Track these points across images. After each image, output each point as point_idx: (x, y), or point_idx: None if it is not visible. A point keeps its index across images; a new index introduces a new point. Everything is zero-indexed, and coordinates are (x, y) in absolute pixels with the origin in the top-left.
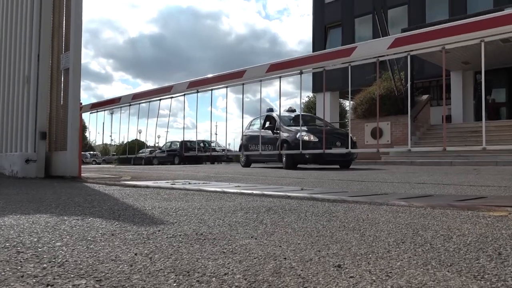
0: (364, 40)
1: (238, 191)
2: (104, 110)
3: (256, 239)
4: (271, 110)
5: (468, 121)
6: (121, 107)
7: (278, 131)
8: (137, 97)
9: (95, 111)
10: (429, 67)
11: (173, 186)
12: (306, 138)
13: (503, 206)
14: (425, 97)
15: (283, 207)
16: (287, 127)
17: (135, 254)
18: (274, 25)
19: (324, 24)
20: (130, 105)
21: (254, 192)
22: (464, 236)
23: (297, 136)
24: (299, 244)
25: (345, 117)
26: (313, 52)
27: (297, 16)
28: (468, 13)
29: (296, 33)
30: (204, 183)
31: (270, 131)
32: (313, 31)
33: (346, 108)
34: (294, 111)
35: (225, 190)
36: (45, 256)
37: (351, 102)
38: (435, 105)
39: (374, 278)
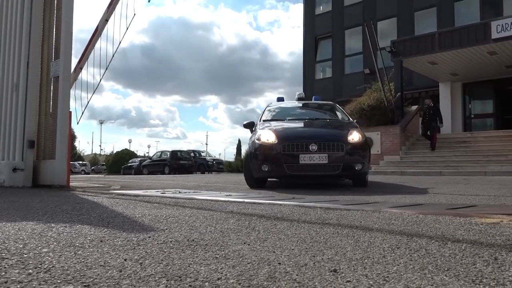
0: (355, 52)
1: (230, 199)
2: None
3: (249, 245)
4: (281, 99)
5: (456, 131)
6: None
7: (254, 130)
8: None
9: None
10: (418, 78)
11: (164, 195)
12: (263, 139)
13: (495, 214)
14: (414, 107)
15: (275, 214)
16: (269, 122)
17: (125, 260)
18: (265, 37)
19: (315, 35)
20: None
21: (246, 200)
22: (458, 242)
23: (255, 136)
24: (293, 249)
25: None
26: (303, 63)
27: (288, 27)
28: (456, 26)
29: (286, 44)
30: (194, 192)
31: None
32: (303, 43)
33: None
34: (303, 99)
35: (216, 198)
36: (30, 262)
37: None
38: None
39: (371, 282)
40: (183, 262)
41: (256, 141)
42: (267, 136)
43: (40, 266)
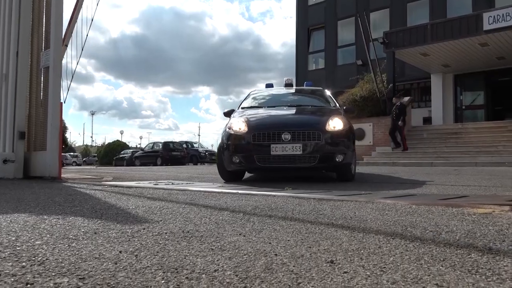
0: (347, 43)
1: (223, 190)
2: None
3: (244, 236)
4: (270, 85)
5: (448, 122)
6: None
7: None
8: None
9: None
10: (410, 70)
11: (156, 186)
12: (234, 128)
13: (486, 204)
14: (406, 99)
15: (269, 205)
16: (247, 110)
17: (120, 252)
18: (257, 27)
19: (308, 26)
20: None
21: (240, 191)
22: (452, 233)
23: (227, 125)
24: (288, 240)
25: None
26: (296, 54)
27: (280, 18)
28: (448, 17)
29: (279, 35)
30: (188, 183)
31: None
32: (296, 33)
33: None
34: (291, 85)
35: (210, 190)
36: (24, 255)
37: None
38: (416, 107)
39: (368, 273)
40: (179, 254)
41: (227, 131)
42: (238, 125)
43: (34, 258)
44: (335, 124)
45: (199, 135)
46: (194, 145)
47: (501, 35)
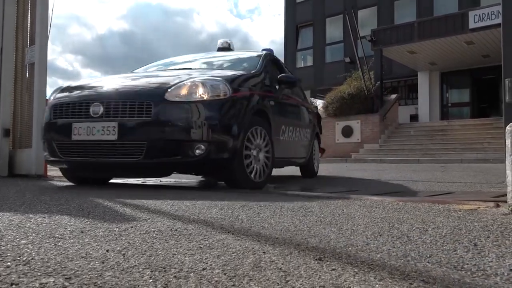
0: (335, 40)
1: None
2: None
3: (233, 234)
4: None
5: (434, 120)
6: None
7: None
8: None
9: None
10: (397, 67)
11: (144, 183)
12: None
13: (472, 200)
14: (393, 96)
15: (258, 203)
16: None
17: (107, 251)
18: (245, 24)
19: (296, 23)
20: None
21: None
22: (439, 229)
23: None
24: (277, 238)
25: None
26: (284, 51)
27: (269, 15)
28: (435, 15)
29: (267, 32)
30: (175, 180)
31: None
32: (285, 31)
33: (318, 106)
34: (227, 49)
35: (197, 186)
36: (9, 255)
37: (322, 101)
38: (403, 105)
39: (356, 270)
40: (167, 253)
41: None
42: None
43: (19, 258)
44: (193, 88)
45: None
46: None
47: (486, 33)
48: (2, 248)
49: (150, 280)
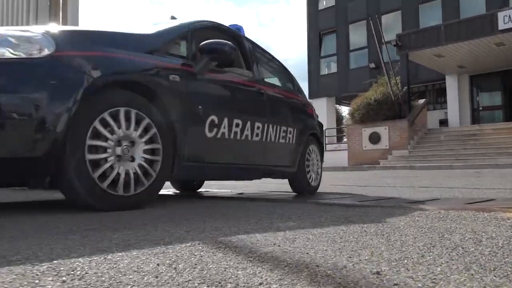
0: (359, 46)
1: (243, 196)
2: None
3: (279, 246)
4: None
5: (465, 124)
6: None
7: None
8: None
9: None
10: (424, 72)
11: (169, 192)
12: None
13: None
14: (421, 101)
15: (295, 212)
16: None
17: (158, 265)
18: (267, 32)
19: (319, 30)
20: None
21: (260, 197)
22: (493, 239)
23: None
24: (326, 250)
25: (341, 123)
26: (308, 59)
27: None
28: (462, 17)
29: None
30: (206, 190)
31: None
32: (307, 38)
33: (343, 114)
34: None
35: (231, 195)
36: (62, 269)
37: (348, 107)
38: (431, 109)
39: (420, 285)
40: (218, 266)
41: None
42: None
43: (72, 273)
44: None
45: None
46: None
47: None
48: (55, 262)
49: None
